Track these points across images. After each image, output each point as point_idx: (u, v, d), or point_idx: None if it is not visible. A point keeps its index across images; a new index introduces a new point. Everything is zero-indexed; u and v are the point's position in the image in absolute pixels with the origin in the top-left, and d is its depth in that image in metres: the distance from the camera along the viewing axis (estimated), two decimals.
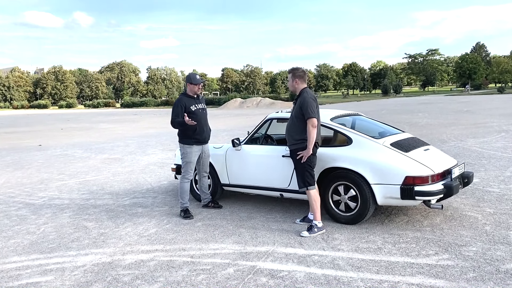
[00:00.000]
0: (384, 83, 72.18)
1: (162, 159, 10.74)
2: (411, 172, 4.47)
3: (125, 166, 9.91)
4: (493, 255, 3.82)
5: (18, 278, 3.82)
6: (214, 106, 56.40)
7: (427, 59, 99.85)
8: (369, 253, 4.01)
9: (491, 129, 14.19)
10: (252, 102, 49.62)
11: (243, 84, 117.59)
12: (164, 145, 13.87)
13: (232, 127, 20.49)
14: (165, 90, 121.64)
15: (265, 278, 3.58)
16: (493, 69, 76.07)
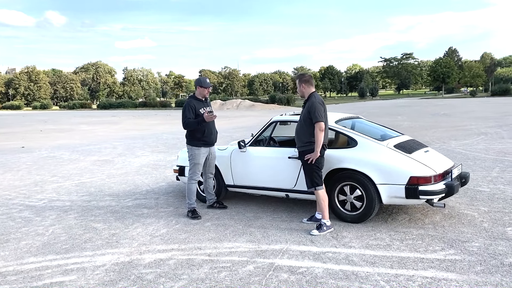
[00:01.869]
0: (361, 86, 73.44)
1: (154, 161, 10.78)
2: (415, 173, 4.71)
3: (118, 168, 9.90)
4: (495, 250, 4.09)
5: (40, 278, 3.88)
6: None
7: (402, 63, 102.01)
8: (379, 249, 4.23)
9: (470, 132, 14.74)
10: (232, 104, 49.70)
11: (221, 86, 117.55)
12: (152, 147, 13.87)
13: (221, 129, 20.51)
14: (142, 91, 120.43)
15: (285, 274, 3.75)
16: (465, 73, 78.43)
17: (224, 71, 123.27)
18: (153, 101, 67.78)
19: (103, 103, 69.54)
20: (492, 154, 9.73)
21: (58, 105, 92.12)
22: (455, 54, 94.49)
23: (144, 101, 72.35)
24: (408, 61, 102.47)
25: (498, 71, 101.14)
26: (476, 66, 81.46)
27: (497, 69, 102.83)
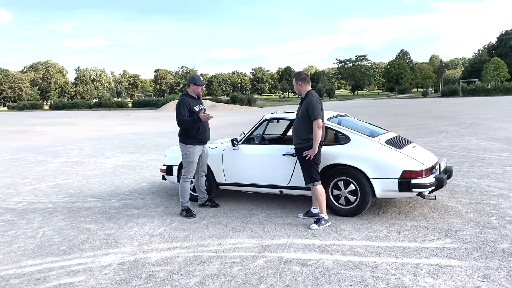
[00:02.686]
0: (318, 87, 74.90)
1: (127, 162, 10.58)
2: (407, 167, 4.94)
3: (91, 169, 9.65)
4: (486, 237, 4.37)
5: (46, 280, 3.77)
6: (152, 108, 55.30)
7: (356, 65, 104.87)
8: (380, 240, 4.41)
9: (431, 130, 15.44)
10: None
11: (178, 86, 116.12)
12: (121, 148, 13.58)
13: None
14: (95, 92, 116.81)
15: (297, 266, 3.84)
16: (416, 74, 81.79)
17: (181, 71, 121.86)
18: (109, 102, 65.97)
19: (55, 104, 66.81)
20: (458, 150, 10.27)
21: (6, 105, 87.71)
22: (406, 56, 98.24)
23: (99, 101, 70.15)
24: (362, 63, 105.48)
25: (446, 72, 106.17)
26: (427, 68, 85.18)
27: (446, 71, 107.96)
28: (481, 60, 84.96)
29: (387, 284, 3.41)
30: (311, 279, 3.57)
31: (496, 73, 71.60)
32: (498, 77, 69.41)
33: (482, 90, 58.12)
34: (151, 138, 16.49)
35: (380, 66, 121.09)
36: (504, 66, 72.61)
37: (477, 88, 59.46)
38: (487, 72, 72.03)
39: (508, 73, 72.22)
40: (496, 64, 72.80)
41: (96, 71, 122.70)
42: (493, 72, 71.73)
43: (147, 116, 36.74)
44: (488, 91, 56.86)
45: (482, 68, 75.32)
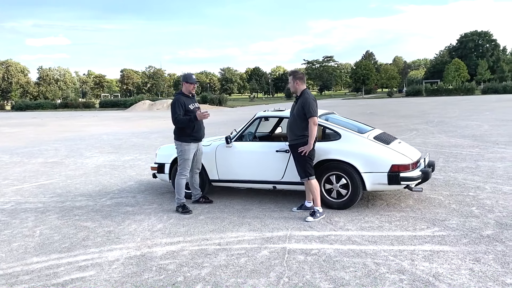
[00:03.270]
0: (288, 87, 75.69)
1: (109, 162, 10.52)
2: (395, 161, 5.24)
3: (73, 170, 9.56)
4: (471, 225, 4.71)
5: (57, 276, 3.82)
6: (120, 108, 54.43)
7: (323, 65, 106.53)
8: (374, 230, 4.67)
9: (402, 128, 16.02)
10: (162, 104, 48.76)
11: (145, 86, 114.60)
12: (98, 148, 13.44)
13: (161, 129, 20.26)
14: (59, 92, 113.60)
15: (301, 256, 4.04)
16: (382, 75, 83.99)
17: (148, 70, 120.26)
18: (75, 102, 64.38)
19: (18, 104, 64.57)
20: (431, 147, 10.77)
21: None
22: (371, 57, 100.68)
23: (64, 102, 68.25)
24: (329, 63, 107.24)
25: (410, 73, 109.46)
26: (391, 68, 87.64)
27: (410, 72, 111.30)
28: (442, 61, 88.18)
29: (389, 269, 3.66)
30: (317, 267, 3.77)
31: (457, 74, 74.51)
32: (458, 78, 72.23)
33: (444, 90, 60.32)
34: (126, 138, 16.35)
35: (346, 67, 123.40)
36: (464, 67, 75.64)
37: (439, 88, 61.65)
38: (448, 73, 74.87)
39: (468, 74, 75.26)
40: (457, 65, 75.76)
41: (60, 71, 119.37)
42: (454, 73, 74.62)
43: (117, 116, 36.19)
44: (450, 91, 59.08)
45: (444, 69, 78.22)
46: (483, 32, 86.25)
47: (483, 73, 75.93)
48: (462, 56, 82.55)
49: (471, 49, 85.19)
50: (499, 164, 8.02)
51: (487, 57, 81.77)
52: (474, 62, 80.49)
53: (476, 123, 16.69)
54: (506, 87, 55.76)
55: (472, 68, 78.46)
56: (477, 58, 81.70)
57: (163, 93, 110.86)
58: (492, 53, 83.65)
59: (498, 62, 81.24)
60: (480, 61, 78.24)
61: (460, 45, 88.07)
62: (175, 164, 6.43)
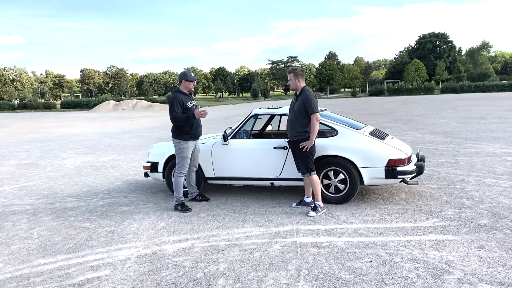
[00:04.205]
0: (254, 87, 75.93)
1: (88, 163, 10.27)
2: (392, 156, 5.42)
3: (52, 171, 9.28)
4: (466, 215, 4.94)
5: (71, 276, 3.73)
6: (83, 109, 52.99)
7: (288, 66, 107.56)
8: (377, 223, 4.82)
9: (374, 127, 16.43)
10: (128, 104, 47.81)
11: (107, 86, 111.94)
12: (72, 149, 13.07)
13: (131, 129, 19.89)
14: (15, 92, 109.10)
15: (313, 249, 4.13)
16: (345, 75, 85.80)
17: (110, 70, 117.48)
18: (35, 103, 62.05)
19: None
20: (408, 143, 11.11)
21: None
22: (335, 58, 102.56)
23: (23, 102, 65.64)
24: (293, 64, 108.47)
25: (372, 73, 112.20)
26: (354, 69, 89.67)
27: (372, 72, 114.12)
28: (402, 61, 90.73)
29: (402, 258, 3.80)
30: (332, 258, 3.87)
31: (416, 74, 76.89)
32: (418, 78, 74.57)
33: (405, 89, 62.18)
34: (99, 139, 15.97)
35: (310, 67, 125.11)
36: (423, 68, 78.17)
37: (401, 88, 63.52)
38: (408, 73, 77.14)
39: (427, 74, 77.88)
40: (416, 66, 78.19)
41: (16, 71, 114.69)
42: (413, 73, 76.96)
43: (82, 117, 35.20)
44: (411, 91, 60.98)
45: (404, 69, 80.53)
46: (440, 34, 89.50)
47: (441, 73, 78.76)
48: (421, 56, 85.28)
49: (429, 50, 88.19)
50: (476, 159, 8.41)
51: (444, 58, 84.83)
52: (432, 62, 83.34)
53: (443, 120, 17.35)
54: (463, 87, 58.13)
55: (430, 69, 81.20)
56: (435, 58, 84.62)
57: (125, 93, 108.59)
58: (449, 54, 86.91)
59: (455, 63, 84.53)
60: (438, 62, 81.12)
61: (418, 46, 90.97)
62: (169, 162, 6.38)
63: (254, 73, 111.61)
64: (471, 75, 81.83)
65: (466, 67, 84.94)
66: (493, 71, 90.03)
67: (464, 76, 77.40)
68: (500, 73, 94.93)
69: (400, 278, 3.41)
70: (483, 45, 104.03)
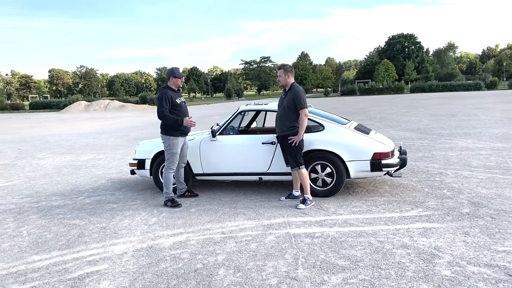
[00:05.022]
0: (227, 87, 75.93)
1: (67, 162, 10.12)
2: (377, 149, 5.61)
3: (31, 171, 9.10)
4: (448, 205, 5.17)
5: (68, 271, 3.73)
6: (53, 110, 51.78)
7: (261, 66, 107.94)
8: (365, 213, 4.99)
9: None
10: (100, 105, 47.00)
11: (77, 86, 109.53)
12: (49, 150, 12.83)
13: (107, 130, 19.61)
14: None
15: (307, 239, 4.25)
16: (317, 75, 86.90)
17: (79, 70, 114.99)
18: (1, 104, 60.14)
19: None
20: None
21: None
22: (307, 58, 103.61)
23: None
24: (266, 64, 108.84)
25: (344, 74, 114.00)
26: (326, 69, 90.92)
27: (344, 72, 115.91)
28: (372, 62, 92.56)
29: (393, 245, 3.97)
30: (327, 247, 4.00)
31: (386, 74, 78.60)
32: (388, 78, 76.23)
33: (376, 89, 63.53)
34: (74, 139, 15.71)
35: None
36: (392, 68, 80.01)
37: (372, 87, 64.87)
38: (378, 73, 78.81)
39: (396, 74, 79.72)
40: (386, 66, 79.95)
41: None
42: (383, 73, 78.66)
43: (53, 118, 34.41)
44: (381, 90, 62.34)
45: (374, 70, 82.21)
46: (408, 35, 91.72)
47: (410, 73, 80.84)
48: (390, 57, 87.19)
49: (398, 50, 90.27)
50: (451, 153, 8.75)
51: (413, 58, 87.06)
52: (402, 63, 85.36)
53: (415, 118, 17.87)
54: (431, 86, 59.86)
55: (400, 69, 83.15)
56: (404, 59, 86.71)
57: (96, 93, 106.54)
58: (417, 54, 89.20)
59: (423, 63, 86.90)
60: (407, 62, 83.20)
61: (388, 47, 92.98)
62: (156, 159, 6.39)
63: (227, 73, 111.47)
64: (439, 75, 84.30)
65: (434, 67, 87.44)
66: (459, 71, 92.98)
67: (432, 76, 79.68)
68: (465, 73, 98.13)
69: (394, 263, 3.57)
70: (449, 46, 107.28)
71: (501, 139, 10.37)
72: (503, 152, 8.50)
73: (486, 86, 59.32)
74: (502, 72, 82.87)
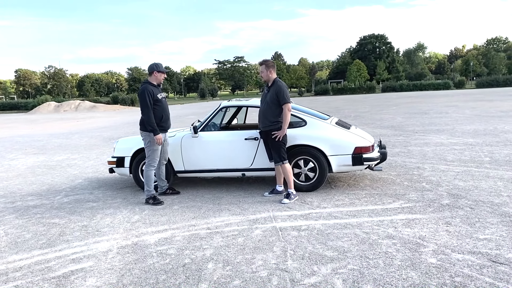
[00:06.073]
0: (201, 87, 75.47)
1: (41, 162, 9.85)
2: (358, 144, 5.69)
3: (3, 171, 8.82)
4: (429, 197, 5.29)
5: (52, 270, 3.63)
6: (21, 111, 50.31)
7: (235, 66, 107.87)
8: (348, 206, 5.05)
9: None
10: (70, 105, 45.91)
11: (45, 87, 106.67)
12: (19, 150, 12.45)
13: (79, 130, 19.17)
14: None
15: (294, 232, 4.27)
16: (291, 75, 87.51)
17: (48, 70, 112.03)
18: None
19: None
20: None
21: None
22: (280, 58, 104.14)
23: None
24: (240, 64, 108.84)
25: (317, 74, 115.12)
26: (299, 69, 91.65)
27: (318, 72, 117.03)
28: (344, 62, 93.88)
29: (379, 236, 4.03)
30: (314, 239, 4.03)
31: (358, 74, 79.91)
32: (360, 78, 77.50)
33: (348, 89, 64.44)
34: (46, 139, 15.30)
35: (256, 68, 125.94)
36: (364, 68, 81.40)
37: (344, 87, 65.78)
38: (350, 73, 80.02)
39: (368, 74, 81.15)
40: (358, 66, 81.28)
41: None
42: (355, 73, 79.93)
43: (21, 119, 33.42)
44: (354, 90, 63.27)
45: (346, 70, 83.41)
46: (379, 35, 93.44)
47: (381, 73, 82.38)
48: (362, 57, 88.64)
49: (369, 51, 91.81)
50: (427, 148, 8.95)
51: (384, 58, 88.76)
52: (373, 63, 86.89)
53: (389, 116, 18.21)
54: (402, 86, 61.16)
55: (371, 69, 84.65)
56: (375, 59, 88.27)
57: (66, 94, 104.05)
58: (388, 54, 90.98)
59: (394, 63, 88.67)
60: (378, 62, 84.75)
61: (360, 47, 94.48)
62: (136, 157, 6.29)
63: (200, 73, 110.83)
64: (409, 74, 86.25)
65: (404, 67, 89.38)
66: (429, 71, 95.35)
67: (403, 76, 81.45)
68: (434, 72, 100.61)
69: (381, 253, 3.63)
70: (418, 47, 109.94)
71: (473, 135, 10.69)
72: (476, 147, 8.76)
73: (455, 86, 61.02)
74: (469, 72, 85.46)
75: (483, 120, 13.99)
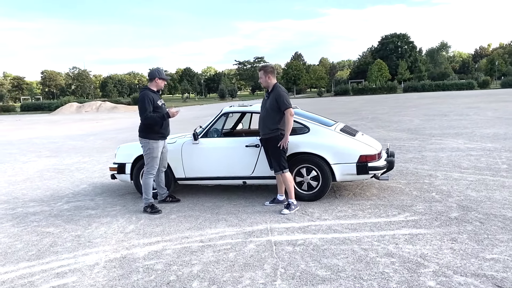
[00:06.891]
0: (221, 87, 75.64)
1: (51, 166, 9.88)
2: (363, 152, 5.44)
3: (13, 175, 8.86)
4: (437, 209, 5.01)
5: (33, 285, 3.52)
6: (45, 112, 51.29)
7: (255, 66, 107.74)
8: (350, 219, 4.81)
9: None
10: (91, 106, 46.58)
11: (69, 88, 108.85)
12: (34, 152, 12.57)
13: (96, 131, 19.34)
14: None
15: (289, 247, 4.07)
16: (311, 75, 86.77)
17: (72, 71, 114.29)
18: None
19: None
20: None
21: None
22: (300, 59, 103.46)
23: None
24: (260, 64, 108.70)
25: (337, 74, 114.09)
26: (320, 69, 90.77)
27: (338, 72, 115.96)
28: (365, 62, 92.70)
29: (377, 253, 3.79)
30: (308, 256, 3.82)
31: (380, 73, 78.64)
32: (381, 77, 76.32)
33: (369, 89, 63.55)
34: (62, 141, 15.44)
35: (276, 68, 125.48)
36: (385, 68, 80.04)
37: (364, 87, 64.90)
38: (371, 73, 78.82)
39: (389, 74, 79.80)
40: (379, 66, 79.97)
41: None
42: (377, 73, 78.68)
43: (44, 120, 34.01)
44: (375, 90, 62.35)
45: (367, 69, 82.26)
46: (401, 35, 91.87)
47: (403, 73, 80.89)
48: (384, 57, 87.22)
49: (391, 50, 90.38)
50: (442, 154, 8.60)
51: (406, 58, 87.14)
52: (395, 62, 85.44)
53: (407, 118, 17.75)
54: (424, 86, 59.92)
55: (393, 68, 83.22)
56: (397, 59, 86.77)
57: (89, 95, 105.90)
58: (410, 54, 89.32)
59: (416, 63, 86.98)
60: (400, 62, 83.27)
61: (381, 47, 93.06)
62: (137, 163, 6.18)
63: (221, 74, 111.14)
64: (431, 74, 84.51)
65: (427, 67, 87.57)
66: (452, 71, 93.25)
67: (425, 76, 79.82)
68: (458, 72, 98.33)
69: (377, 273, 3.40)
70: (442, 46, 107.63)
71: (492, 139, 10.25)
72: (494, 153, 8.36)
73: (479, 85, 59.45)
74: (494, 71, 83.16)
75: (504, 123, 13.46)
